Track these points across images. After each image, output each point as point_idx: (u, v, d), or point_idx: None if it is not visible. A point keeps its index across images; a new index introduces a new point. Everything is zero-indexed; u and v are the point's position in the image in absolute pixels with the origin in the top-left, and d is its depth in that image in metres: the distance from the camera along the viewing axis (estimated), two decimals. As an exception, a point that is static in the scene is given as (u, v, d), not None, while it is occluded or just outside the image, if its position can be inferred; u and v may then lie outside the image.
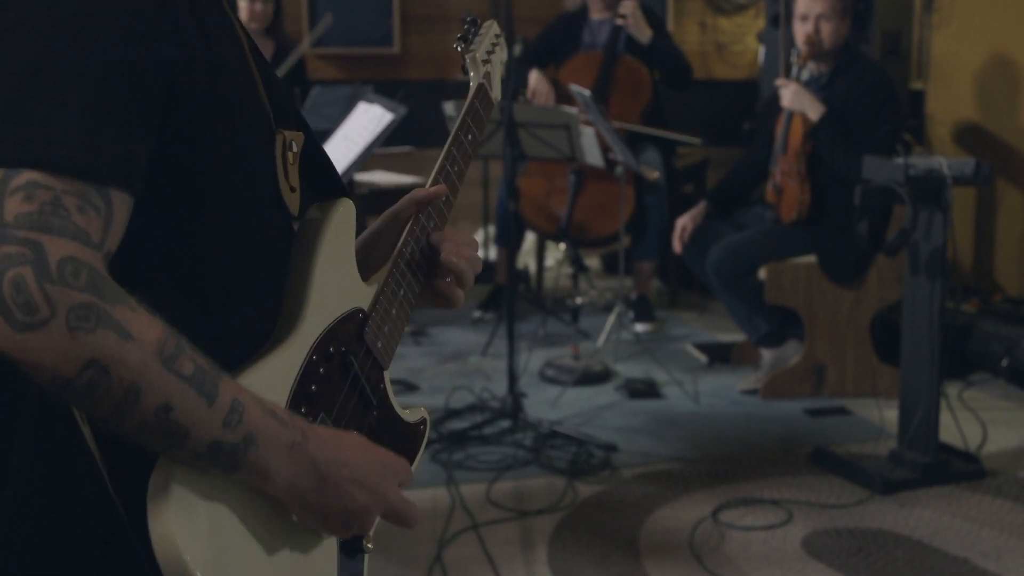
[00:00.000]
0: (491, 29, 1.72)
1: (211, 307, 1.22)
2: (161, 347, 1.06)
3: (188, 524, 1.11)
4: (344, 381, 1.32)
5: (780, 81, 4.81)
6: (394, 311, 1.41)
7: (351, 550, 1.32)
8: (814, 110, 4.63)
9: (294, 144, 1.30)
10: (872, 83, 4.67)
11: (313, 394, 1.27)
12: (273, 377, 1.23)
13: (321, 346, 1.29)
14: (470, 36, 1.67)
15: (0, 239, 1.00)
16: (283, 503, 1.20)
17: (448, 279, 1.48)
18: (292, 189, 1.30)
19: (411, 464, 1.45)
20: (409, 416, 1.47)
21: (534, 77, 5.88)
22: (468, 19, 1.71)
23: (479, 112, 1.61)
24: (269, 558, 1.20)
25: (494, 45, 1.70)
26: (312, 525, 1.24)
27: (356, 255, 1.42)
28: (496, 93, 1.67)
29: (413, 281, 1.45)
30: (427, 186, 1.51)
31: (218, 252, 1.21)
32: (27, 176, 1.03)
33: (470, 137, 1.58)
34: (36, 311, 1.00)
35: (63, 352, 1.01)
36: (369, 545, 1.34)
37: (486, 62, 1.66)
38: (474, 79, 1.63)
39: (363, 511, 1.25)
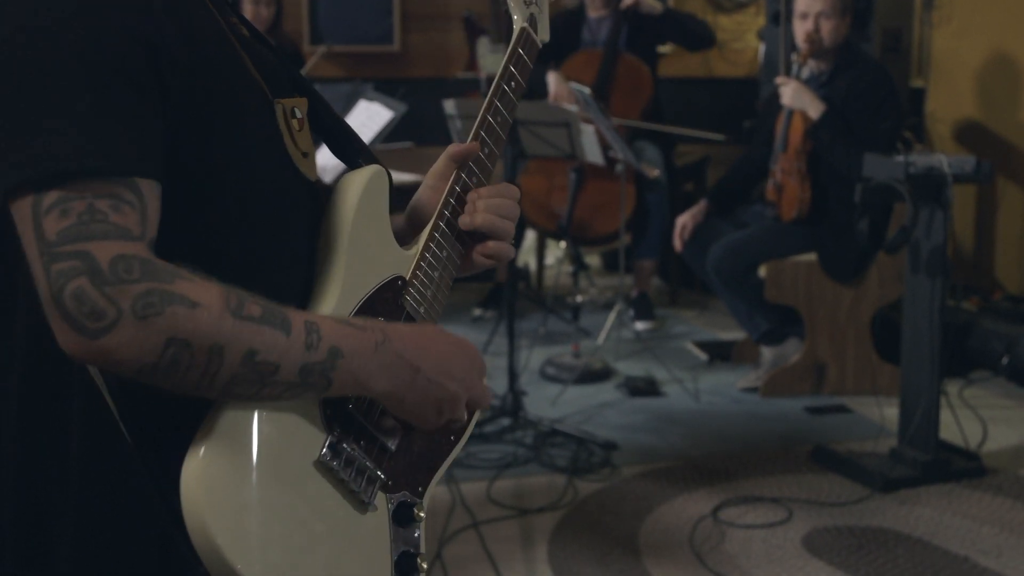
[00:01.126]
0: None
1: (236, 279, 1.21)
2: (226, 302, 1.10)
3: (220, 496, 1.12)
4: None
5: (780, 79, 4.81)
6: (436, 274, 1.39)
7: (404, 518, 1.31)
8: (814, 108, 4.63)
9: (296, 111, 1.31)
10: (872, 80, 4.66)
11: None
12: None
13: (361, 315, 1.29)
14: None
15: (50, 259, 1.04)
16: (383, 402, 1.24)
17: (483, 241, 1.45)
18: (304, 155, 1.31)
19: (463, 436, 1.46)
20: None
21: (553, 80, 5.85)
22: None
23: (523, 58, 1.52)
24: (311, 533, 1.19)
25: None
26: (407, 420, 1.27)
27: (401, 219, 1.43)
28: (543, 34, 1.57)
29: (457, 244, 1.43)
30: (468, 140, 1.48)
31: (237, 229, 1.22)
32: (56, 194, 1.06)
33: (513, 84, 1.51)
34: (104, 315, 1.04)
35: (141, 342, 1.05)
36: (422, 514, 1.33)
37: (530, 3, 1.55)
38: (517, 22, 1.54)
39: (454, 398, 1.28)
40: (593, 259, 7.20)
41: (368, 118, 4.71)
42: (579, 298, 5.81)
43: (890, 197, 3.97)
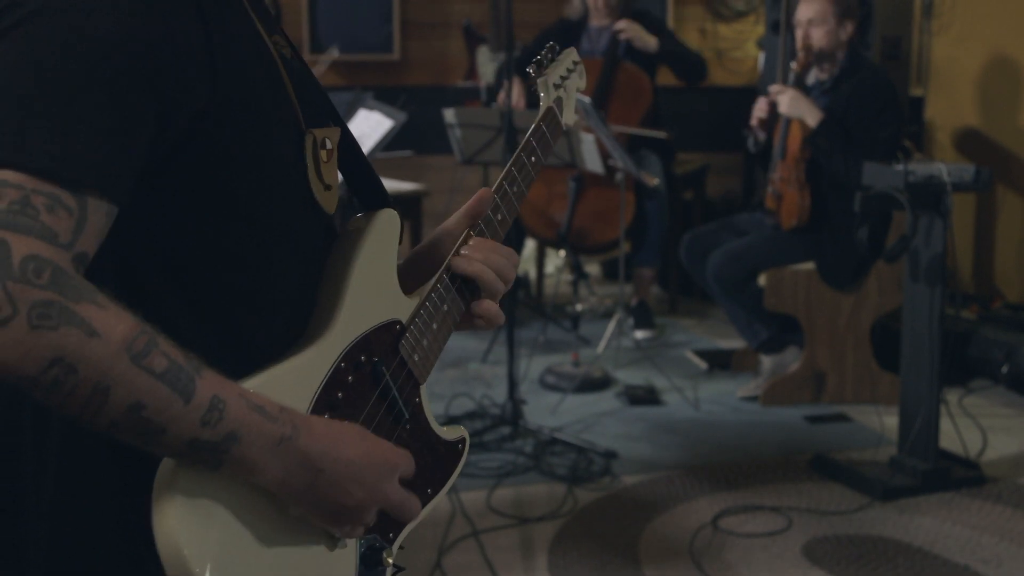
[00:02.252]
0: (570, 56, 1.69)
1: (239, 307, 1.22)
2: (130, 343, 1.04)
3: (193, 522, 1.10)
4: (373, 391, 1.30)
5: (776, 87, 4.82)
6: (435, 325, 1.38)
7: (370, 563, 1.29)
8: (812, 116, 4.63)
9: (327, 141, 1.30)
10: (874, 88, 4.66)
11: (338, 401, 1.26)
12: (297, 380, 1.22)
13: (351, 353, 1.27)
14: (545, 61, 1.64)
15: None
16: (278, 496, 1.19)
17: (479, 297, 1.44)
18: (327, 187, 1.30)
19: (446, 483, 1.45)
20: (447, 434, 1.45)
21: (516, 86, 5.86)
22: (548, 45, 1.67)
23: (546, 135, 1.57)
24: (280, 562, 1.18)
25: (570, 71, 1.67)
26: (308, 519, 1.22)
27: (407, 266, 1.42)
28: (567, 118, 1.64)
29: (458, 298, 1.42)
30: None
31: (246, 254, 1.21)
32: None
33: (533, 159, 1.54)
34: None
35: (26, 350, 1.00)
36: (390, 560, 1.31)
37: (558, 87, 1.63)
38: (544, 100, 1.60)
39: (357, 506, 1.22)
40: (592, 268, 7.20)
41: (368, 127, 4.71)
42: (579, 307, 5.81)
43: (889, 205, 3.97)
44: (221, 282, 1.20)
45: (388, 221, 1.35)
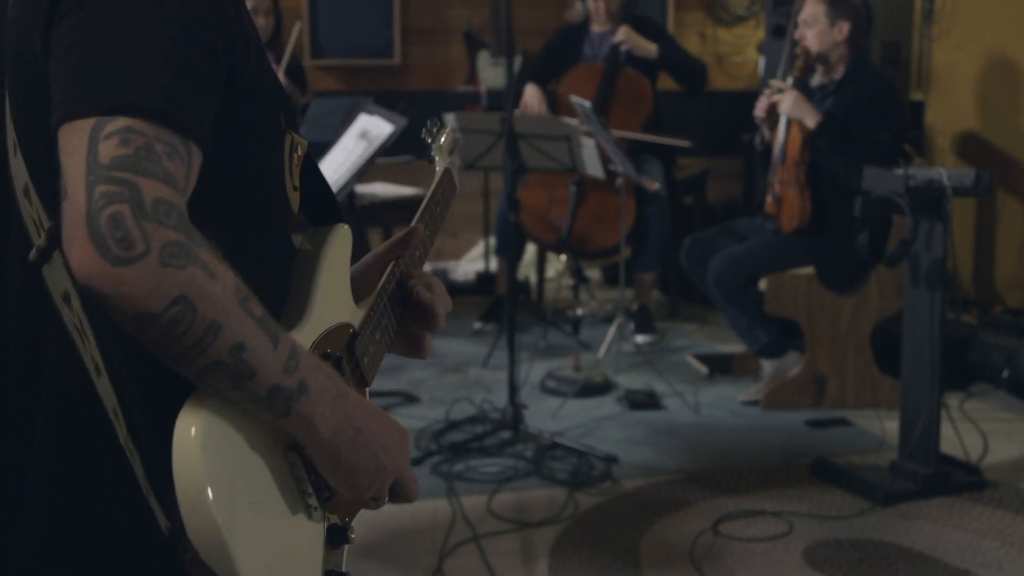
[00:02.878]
0: (451, 134, 1.92)
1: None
2: (237, 288, 1.11)
3: (212, 444, 1.13)
4: None
5: (776, 83, 4.81)
6: (378, 336, 1.46)
7: (336, 539, 1.33)
8: (812, 118, 4.63)
9: (299, 148, 1.36)
10: (877, 91, 4.66)
11: None
12: None
13: (320, 344, 1.33)
14: (435, 131, 1.89)
15: (98, 179, 1.05)
16: (320, 451, 1.23)
17: (419, 322, 1.55)
18: (295, 188, 1.36)
19: None
20: None
21: (528, 91, 5.90)
22: (432, 119, 1.92)
23: (446, 191, 1.78)
24: (269, 514, 1.21)
25: (454, 145, 1.90)
26: (336, 482, 1.26)
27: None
28: (457, 182, 1.86)
29: (392, 316, 1.51)
30: (413, 221, 1.61)
31: (231, 233, 1.24)
32: (122, 122, 1.08)
33: (438, 210, 1.74)
34: (133, 245, 1.04)
35: (155, 286, 1.05)
36: (353, 536, 1.35)
37: (451, 153, 1.87)
38: (440, 163, 1.83)
39: (384, 474, 1.29)
40: (593, 272, 7.21)
41: (369, 132, 4.70)
42: (579, 311, 5.82)
43: (890, 210, 3.97)
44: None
45: (345, 235, 1.42)
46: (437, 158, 1.85)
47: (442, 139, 1.88)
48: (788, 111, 4.71)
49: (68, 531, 1.22)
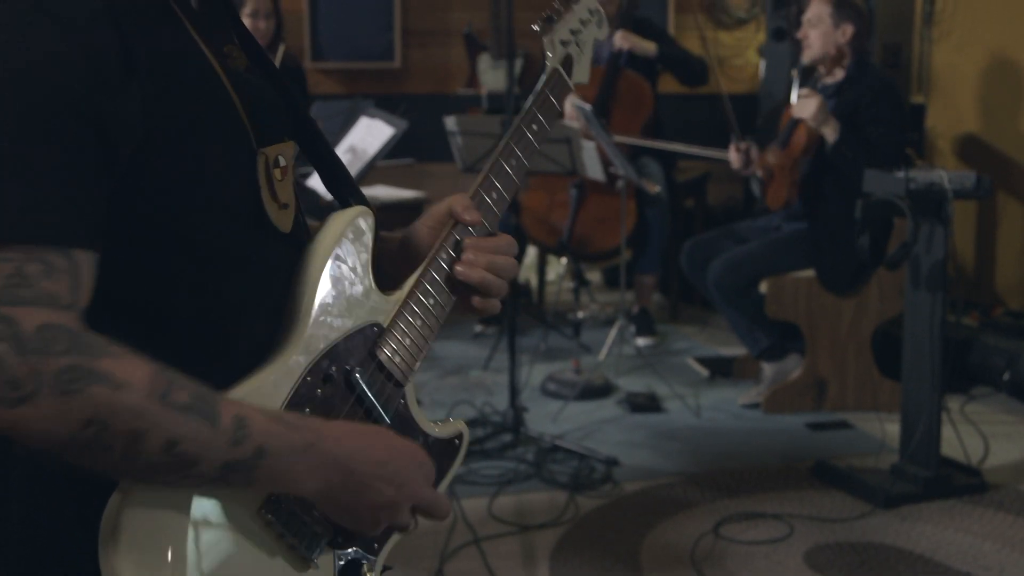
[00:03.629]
0: (585, 4, 1.55)
1: (200, 334, 1.20)
2: (153, 385, 1.05)
3: (140, 564, 1.07)
4: (346, 402, 1.28)
5: (805, 91, 4.76)
6: (419, 322, 1.35)
7: None
8: (832, 130, 4.53)
9: (280, 159, 1.27)
10: (878, 92, 4.65)
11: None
12: (258, 401, 1.18)
13: (319, 367, 1.24)
14: (555, 16, 1.50)
15: None
16: (315, 504, 1.19)
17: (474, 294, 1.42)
18: (284, 206, 1.27)
19: (443, 480, 1.42)
20: (441, 431, 1.43)
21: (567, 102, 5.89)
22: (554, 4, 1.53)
23: (550, 101, 1.47)
24: None
25: (585, 22, 1.54)
26: (345, 525, 1.22)
27: (395, 245, 1.38)
28: (581, 76, 1.52)
29: (446, 289, 1.38)
30: (479, 182, 1.43)
31: (198, 279, 1.19)
32: None
33: (535, 127, 1.46)
34: (21, 385, 0.99)
35: (58, 418, 1.01)
36: (371, 574, 1.30)
37: (566, 43, 1.50)
38: (551, 60, 1.49)
39: (391, 504, 1.22)
40: (594, 275, 7.20)
41: (369, 135, 4.71)
42: (580, 314, 5.82)
43: (891, 212, 3.97)
44: (176, 309, 1.18)
45: (355, 219, 1.30)
46: (548, 54, 1.51)
47: (563, 22, 1.52)
48: (811, 116, 4.58)
49: None
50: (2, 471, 1.18)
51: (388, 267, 1.40)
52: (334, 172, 1.40)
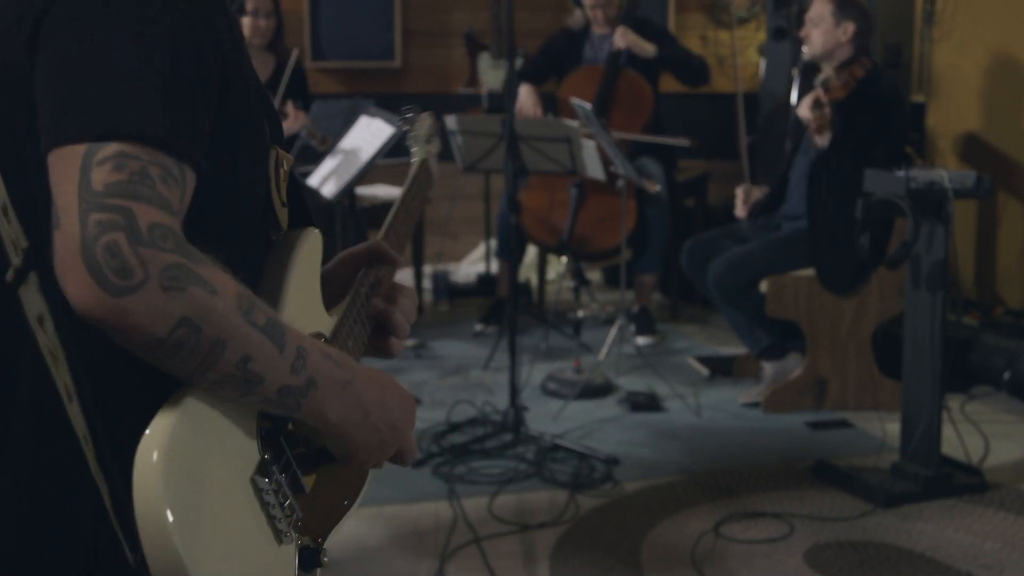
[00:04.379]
0: (427, 121, 1.98)
1: None
2: (239, 300, 1.11)
3: (172, 482, 1.10)
4: None
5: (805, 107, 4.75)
6: (350, 344, 1.46)
7: (308, 563, 1.30)
8: (823, 139, 4.57)
9: (285, 163, 1.35)
10: (879, 95, 4.64)
11: None
12: None
13: None
14: (412, 120, 1.94)
15: (92, 207, 1.05)
16: (330, 434, 1.26)
17: (382, 329, 1.56)
18: (283, 204, 1.36)
19: (356, 499, 1.47)
20: None
21: (523, 91, 5.90)
22: (406, 108, 1.99)
23: (422, 183, 1.82)
24: (235, 540, 1.18)
25: (431, 135, 1.94)
26: (342, 454, 1.30)
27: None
28: (435, 172, 1.91)
29: (365, 322, 1.52)
30: (380, 235, 1.64)
31: (222, 256, 1.22)
32: (115, 147, 1.07)
33: (416, 202, 1.78)
34: (131, 274, 1.04)
35: (157, 312, 1.06)
36: (326, 559, 1.33)
37: (428, 142, 1.91)
38: (417, 153, 1.88)
39: (388, 448, 1.33)
40: (594, 274, 7.20)
41: (370, 134, 4.71)
42: (580, 313, 5.81)
43: (891, 212, 3.97)
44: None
45: (315, 240, 1.40)
46: (414, 148, 1.89)
47: (419, 128, 1.92)
48: (805, 113, 4.64)
49: (32, 557, 1.20)
50: (5, 426, 1.21)
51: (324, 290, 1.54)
52: (296, 194, 1.46)
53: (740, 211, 5.03)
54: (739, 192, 5.06)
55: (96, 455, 1.16)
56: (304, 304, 1.37)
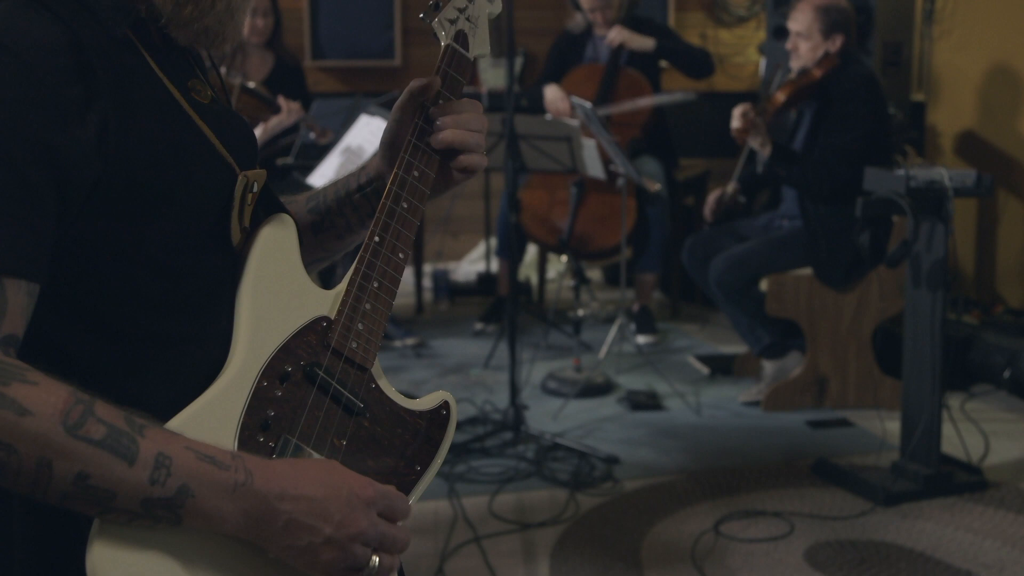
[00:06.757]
0: None
1: (165, 351, 1.23)
2: (64, 416, 1.06)
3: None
4: (309, 394, 1.29)
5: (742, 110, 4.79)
6: (368, 306, 1.36)
7: None
8: (763, 147, 4.67)
9: (255, 185, 1.31)
10: (848, 92, 4.64)
11: (270, 419, 1.25)
12: (217, 412, 1.21)
13: (272, 368, 1.27)
14: (440, 3, 1.55)
15: None
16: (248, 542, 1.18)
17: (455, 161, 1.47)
18: (244, 229, 1.31)
19: (436, 455, 1.39)
20: (423, 404, 1.40)
21: (549, 92, 5.90)
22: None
23: (453, 77, 1.52)
24: None
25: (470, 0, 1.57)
26: (296, 565, 1.19)
27: (377, 160, 1.45)
28: (479, 49, 1.56)
29: (429, 159, 1.44)
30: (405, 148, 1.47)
31: (158, 303, 1.22)
32: None
33: (441, 101, 1.51)
34: None
35: None
36: None
37: (454, 20, 1.54)
38: (443, 38, 1.54)
39: (331, 542, 1.18)
40: (594, 273, 7.20)
41: (370, 133, 4.71)
42: (580, 312, 5.80)
43: (891, 211, 3.97)
44: (140, 327, 1.21)
45: (278, 226, 1.34)
46: (441, 33, 1.54)
47: (448, 7, 1.55)
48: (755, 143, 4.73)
49: None
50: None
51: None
52: (270, 199, 1.42)
53: (707, 215, 5.06)
54: (710, 198, 5.07)
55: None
56: (280, 299, 1.31)
